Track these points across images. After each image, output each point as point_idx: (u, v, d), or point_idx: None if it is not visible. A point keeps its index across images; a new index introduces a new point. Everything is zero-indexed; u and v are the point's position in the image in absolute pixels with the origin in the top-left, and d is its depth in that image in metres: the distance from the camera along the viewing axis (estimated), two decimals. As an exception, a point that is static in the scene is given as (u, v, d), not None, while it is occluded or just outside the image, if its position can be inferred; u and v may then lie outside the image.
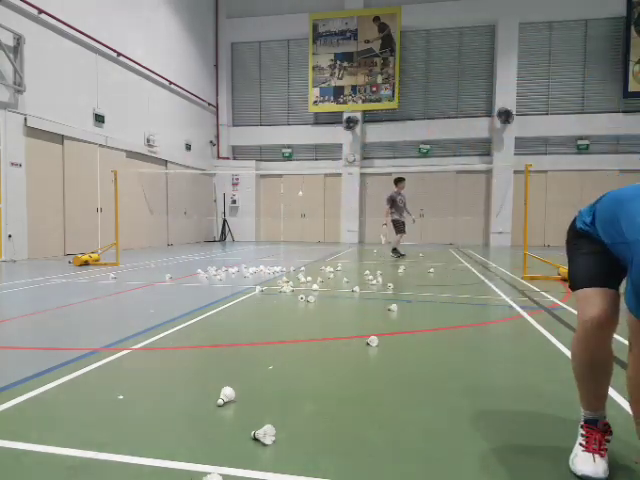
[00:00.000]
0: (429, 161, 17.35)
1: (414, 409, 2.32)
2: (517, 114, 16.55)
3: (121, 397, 2.40)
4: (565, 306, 5.03)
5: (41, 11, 10.07)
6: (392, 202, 10.85)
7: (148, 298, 5.52)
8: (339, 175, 18.02)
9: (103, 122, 12.16)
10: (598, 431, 1.77)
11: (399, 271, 8.25)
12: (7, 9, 9.37)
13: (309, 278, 6.77)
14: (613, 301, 1.68)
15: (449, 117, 17.40)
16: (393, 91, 17.24)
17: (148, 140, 14.06)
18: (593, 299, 1.69)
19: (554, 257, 10.45)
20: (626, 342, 1.63)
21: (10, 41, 9.50)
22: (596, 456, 1.71)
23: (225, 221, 18.30)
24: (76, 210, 11.39)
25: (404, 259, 10.58)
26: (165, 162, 15.19)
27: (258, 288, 5.90)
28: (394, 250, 10.98)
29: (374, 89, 17.38)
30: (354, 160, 17.65)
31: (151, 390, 2.61)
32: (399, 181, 11.01)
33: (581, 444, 1.76)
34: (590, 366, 1.76)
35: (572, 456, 1.77)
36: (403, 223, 10.97)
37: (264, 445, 1.89)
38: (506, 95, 16.53)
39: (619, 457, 1.83)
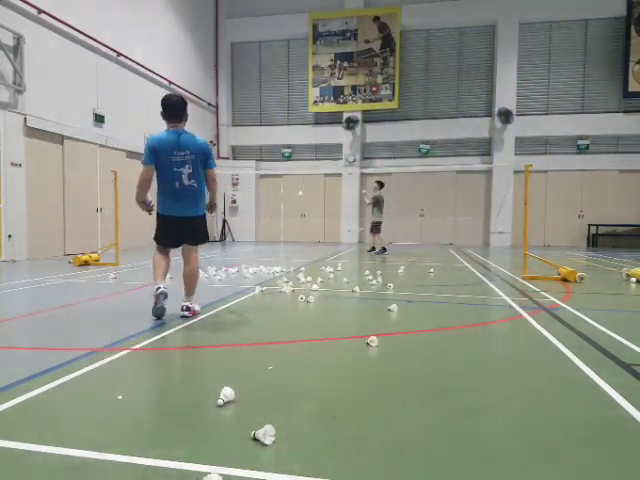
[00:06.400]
0: (429, 161, 17.34)
1: (414, 409, 2.32)
2: (517, 114, 16.54)
3: (120, 397, 2.40)
4: (565, 306, 5.03)
5: (41, 11, 10.07)
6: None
7: (148, 298, 5.50)
8: (339, 175, 18.02)
9: (103, 122, 12.16)
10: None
11: (399, 271, 8.25)
12: (7, 9, 9.37)
13: (309, 278, 6.77)
14: None
15: (449, 117, 17.39)
16: (393, 91, 17.24)
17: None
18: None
19: (554, 257, 10.45)
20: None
21: (10, 41, 9.50)
22: None
23: (225, 221, 18.29)
24: (76, 210, 11.38)
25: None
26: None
27: (258, 288, 5.90)
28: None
29: (374, 89, 17.38)
30: (354, 160, 17.64)
31: (151, 390, 2.61)
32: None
33: None
34: None
35: None
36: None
37: (264, 445, 1.89)
38: (506, 95, 16.53)
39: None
